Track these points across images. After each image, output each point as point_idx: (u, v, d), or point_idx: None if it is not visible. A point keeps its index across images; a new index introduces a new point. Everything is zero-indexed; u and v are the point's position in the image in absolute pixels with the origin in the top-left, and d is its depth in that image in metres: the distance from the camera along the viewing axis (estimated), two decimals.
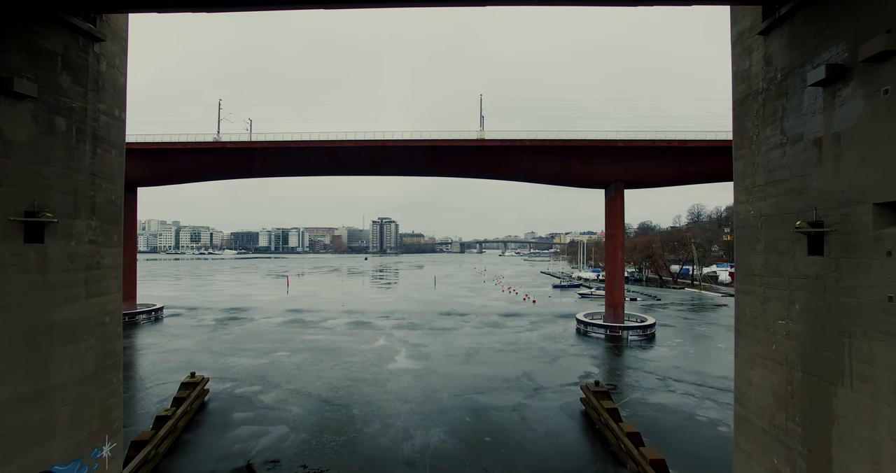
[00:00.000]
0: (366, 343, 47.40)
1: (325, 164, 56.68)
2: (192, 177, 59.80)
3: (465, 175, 59.15)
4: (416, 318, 63.62)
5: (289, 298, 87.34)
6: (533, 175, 56.32)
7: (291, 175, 62.84)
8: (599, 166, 53.20)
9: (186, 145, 53.03)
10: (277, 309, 70.87)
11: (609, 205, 56.03)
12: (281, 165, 57.27)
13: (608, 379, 34.89)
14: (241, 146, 53.15)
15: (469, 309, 72.61)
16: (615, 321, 54.15)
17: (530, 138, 51.10)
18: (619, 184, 54.36)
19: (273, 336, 50.63)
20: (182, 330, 54.02)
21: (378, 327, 56.65)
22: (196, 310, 69.42)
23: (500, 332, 53.84)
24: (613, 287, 54.95)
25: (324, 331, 53.59)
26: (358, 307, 74.91)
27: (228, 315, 65.60)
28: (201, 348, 44.22)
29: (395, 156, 53.72)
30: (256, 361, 39.33)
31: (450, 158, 54.32)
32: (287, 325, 57.44)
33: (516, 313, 69.19)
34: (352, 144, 51.96)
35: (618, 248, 55.00)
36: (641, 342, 49.84)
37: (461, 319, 63.19)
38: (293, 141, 52.44)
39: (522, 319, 63.62)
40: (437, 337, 50.36)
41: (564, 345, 47.20)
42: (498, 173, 56.62)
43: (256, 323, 58.47)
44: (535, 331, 54.83)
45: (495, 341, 48.67)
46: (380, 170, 58.69)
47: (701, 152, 49.93)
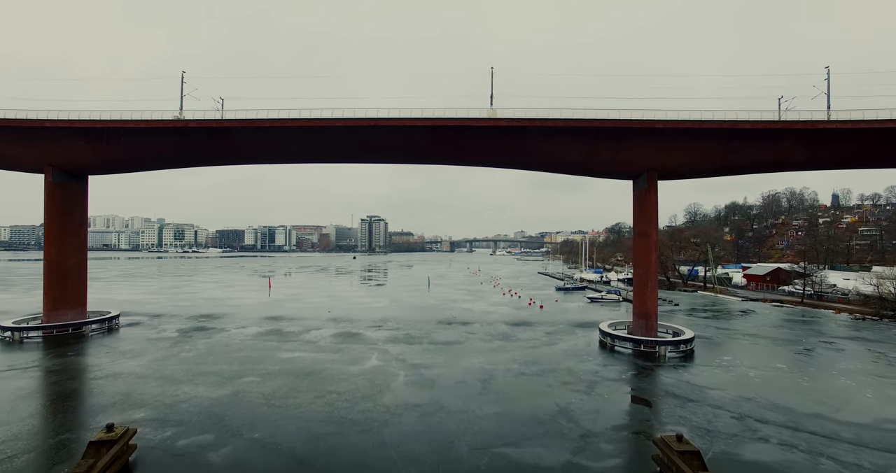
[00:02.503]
0: (355, 362, 39.07)
1: (307, 148, 48.12)
2: (150, 164, 50.84)
3: (472, 161, 50.95)
4: (412, 328, 55.36)
5: (270, 302, 78.49)
6: (552, 162, 48.32)
7: (267, 161, 54.12)
8: (632, 152, 45.35)
9: (139, 124, 44.13)
10: (255, 317, 62.11)
11: (640, 198, 48.21)
12: (255, 149, 48.60)
13: (669, 419, 27.01)
14: (205, 125, 44.38)
15: (472, 317, 64.50)
16: (647, 333, 46.40)
17: (552, 118, 43.06)
18: (653, 173, 46.57)
19: (244, 353, 42.06)
20: (135, 344, 45.18)
21: (369, 340, 48.30)
22: (160, 318, 60.42)
23: (514, 347, 45.81)
24: (646, 294, 47.15)
25: (306, 346, 45.12)
26: (346, 313, 66.40)
27: (196, 323, 56.74)
28: (150, 372, 35.53)
29: (389, 138, 45.37)
30: (216, 392, 30.81)
31: (455, 141, 46.10)
32: (263, 338, 48.84)
33: (526, 321, 61.24)
34: (339, 123, 43.49)
35: (651, 249, 47.20)
36: (680, 359, 42.17)
37: (465, 330, 55.05)
38: (268, 119, 43.83)
39: (535, 329, 55.67)
40: (440, 355, 42.19)
41: (594, 365, 39.31)
42: (511, 159, 48.51)
43: (227, 335, 49.76)
44: (554, 346, 46.88)
45: (511, 359, 40.63)
46: (371, 156, 50.27)
47: (751, 136, 42.29)
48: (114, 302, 74.39)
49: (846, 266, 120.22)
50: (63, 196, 49.31)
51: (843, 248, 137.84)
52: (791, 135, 41.65)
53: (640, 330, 47.39)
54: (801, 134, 41.30)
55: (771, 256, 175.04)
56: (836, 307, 73.07)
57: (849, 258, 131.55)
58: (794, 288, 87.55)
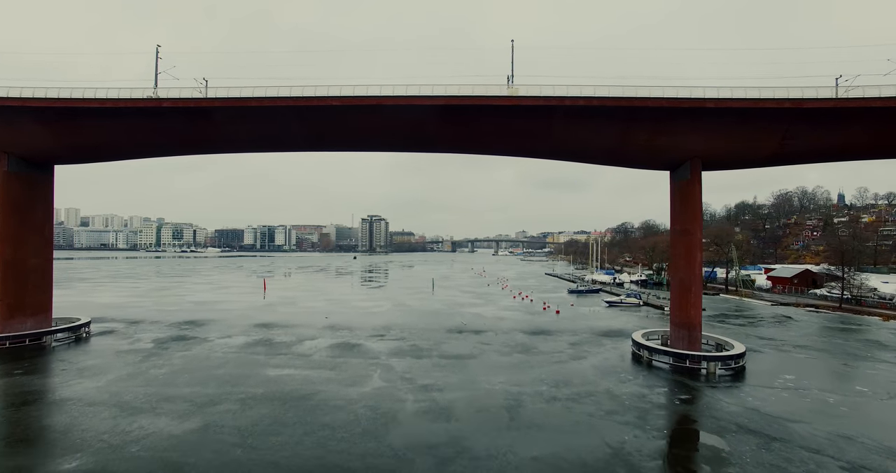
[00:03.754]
0: (355, 383, 33.01)
1: (302, 133, 42.09)
2: (123, 151, 44.82)
3: (487, 149, 44.86)
4: (419, 337, 49.30)
5: (263, 306, 72.45)
6: (580, 148, 42.25)
7: (258, 149, 48.06)
8: (673, 137, 39.26)
9: (106, 103, 38.06)
10: (243, 324, 56.05)
11: (680, 191, 42.14)
12: (243, 134, 42.58)
13: (759, 469, 20.88)
14: (181, 105, 38.32)
15: (483, 324, 58.39)
16: (689, 346, 40.31)
17: (584, 96, 36.94)
18: (697, 162, 40.48)
19: (224, 370, 36.02)
20: (100, 358, 39.15)
21: (371, 352, 42.24)
22: (137, 325, 54.36)
23: (537, 362, 39.74)
24: (688, 301, 41.02)
25: (297, 361, 39.06)
26: (345, 319, 60.34)
27: (177, 332, 50.69)
28: (106, 397, 29.47)
29: (395, 120, 39.32)
30: (180, 426, 24.75)
31: (470, 124, 40.04)
32: (249, 349, 42.81)
33: (544, 329, 55.12)
34: (336, 102, 37.42)
35: (695, 249, 41.07)
36: (731, 377, 36.09)
37: (478, 339, 48.95)
38: (254, 98, 37.78)
39: (557, 339, 49.56)
40: (453, 373, 36.11)
41: (637, 386, 33.22)
42: (533, 146, 42.42)
43: (208, 347, 43.72)
44: (582, 360, 40.79)
45: (538, 379, 34.55)
46: (373, 142, 44.19)
47: (818, 118, 36.16)
48: (94, 306, 68.45)
49: (874, 267, 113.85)
50: (22, 188, 43.31)
51: (869, 249, 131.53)
52: (867, 116, 35.46)
53: (680, 342, 41.28)
54: (879, 114, 35.10)
55: (787, 257, 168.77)
56: (881, 313, 66.84)
57: (876, 259, 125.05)
58: (829, 292, 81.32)
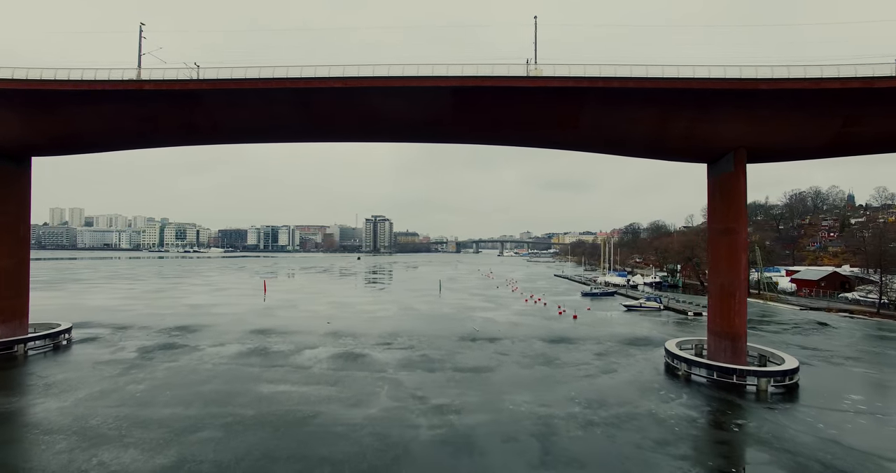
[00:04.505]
0: (359, 402, 28.81)
1: (302, 121, 37.97)
2: (104, 141, 40.80)
3: (506, 139, 40.60)
4: (429, 346, 45.10)
5: (262, 310, 68.43)
6: (611, 138, 37.91)
7: (254, 139, 43.97)
8: (718, 124, 34.88)
9: (80, 85, 33.97)
10: (239, 330, 51.98)
11: (721, 186, 37.76)
12: (237, 123, 38.50)
13: None
14: (168, 88, 34.23)
15: (497, 330, 54.08)
16: (733, 359, 35.87)
17: (620, 76, 32.62)
18: (742, 153, 36.07)
19: (212, 385, 31.90)
20: (76, 370, 35.12)
21: (377, 364, 38.06)
22: (125, 331, 50.36)
23: (564, 377, 35.46)
24: (731, 308, 36.60)
25: (295, 374, 34.92)
26: (348, 325, 56.20)
27: (166, 339, 46.67)
28: (70, 421, 25.36)
29: (406, 104, 35.13)
30: (149, 462, 20.59)
31: (489, 110, 35.80)
32: (242, 360, 38.71)
33: (564, 337, 50.79)
34: (340, 84, 33.25)
35: (739, 250, 36.64)
36: (784, 396, 31.71)
37: (494, 349, 44.69)
38: (248, 79, 33.65)
39: (580, 348, 45.25)
40: (471, 389, 31.86)
41: (682, 407, 28.90)
42: (558, 135, 38.12)
43: (198, 357, 39.64)
44: (613, 374, 36.46)
45: (568, 397, 30.26)
46: (381, 130, 40.00)
47: (893, 99, 31.72)
48: (83, 309, 64.65)
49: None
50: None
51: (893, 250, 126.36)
52: None
53: (722, 353, 36.86)
54: None
55: (804, 258, 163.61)
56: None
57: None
58: (863, 296, 76.65)
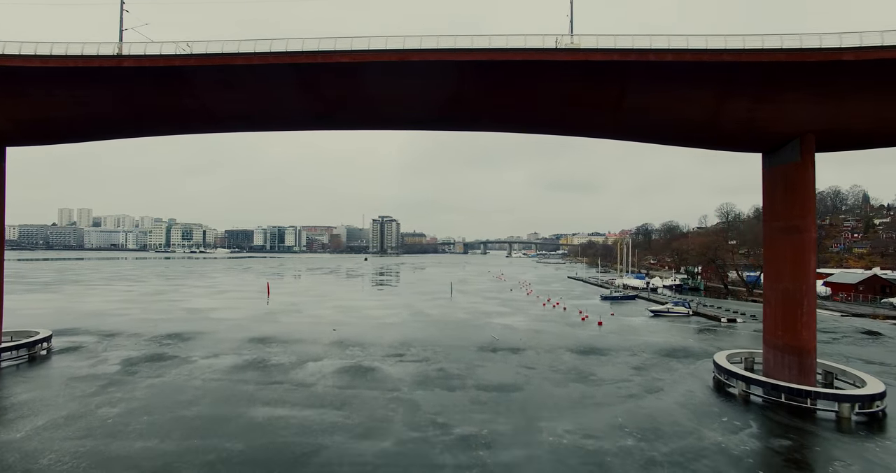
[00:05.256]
0: (370, 432, 24.26)
1: (303, 105, 33.58)
2: (85, 130, 36.57)
3: (535, 125, 35.98)
4: (445, 358, 40.51)
5: (264, 315, 64.17)
6: (657, 124, 33.14)
7: (251, 127, 39.62)
8: (783, 105, 30.03)
9: (49, 62, 29.69)
10: (237, 338, 47.66)
11: (784, 177, 32.87)
12: (231, 107, 34.19)
13: None
14: (151, 64, 29.91)
15: (519, 339, 49.35)
16: (800, 377, 30.98)
17: (675, 48, 27.91)
18: (810, 139, 31.21)
19: (198, 408, 27.49)
20: (47, 388, 30.83)
21: (389, 381, 33.50)
22: (112, 339, 46.17)
23: (603, 396, 30.74)
24: (798, 318, 31.68)
25: (295, 394, 30.45)
26: (356, 332, 51.72)
27: (155, 348, 42.40)
28: (19, 456, 20.94)
29: (423, 82, 30.60)
30: None
31: (518, 91, 31.18)
32: (237, 375, 34.31)
33: (593, 347, 46.02)
34: (347, 59, 28.74)
35: (807, 251, 31.72)
36: (867, 425, 26.82)
37: (519, 361, 40.01)
38: (241, 54, 29.24)
39: (614, 360, 40.49)
40: (499, 414, 27.20)
41: (753, 438, 24.12)
42: (595, 121, 33.43)
43: (187, 371, 35.28)
44: (660, 393, 31.68)
45: (615, 424, 25.55)
46: (394, 117, 35.56)
47: None
48: (73, 314, 60.72)
49: None
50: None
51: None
52: None
53: (785, 370, 31.97)
54: None
55: (828, 260, 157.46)
56: None
57: None
58: None
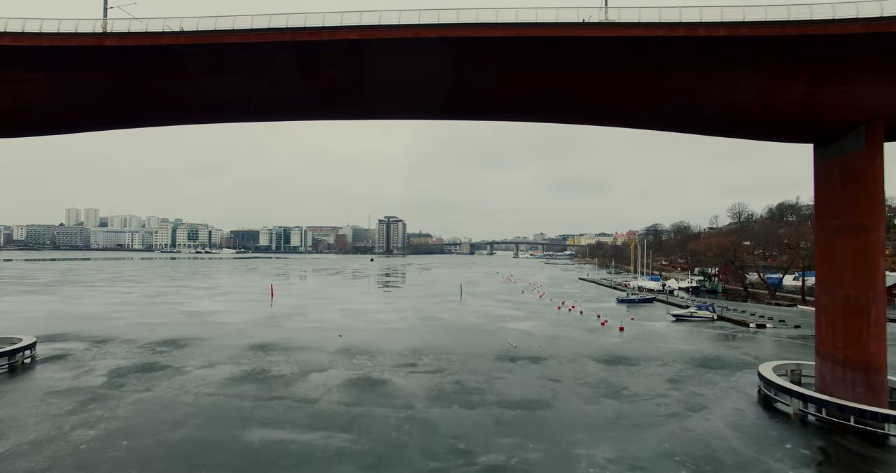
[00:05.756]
0: (381, 463, 20.91)
1: (305, 88, 30.29)
2: (68, 119, 33.45)
3: (560, 115, 32.56)
4: (461, 368, 37.12)
5: (266, 319, 61.08)
6: (699, 110, 29.55)
7: (247, 116, 36.40)
8: (849, 87, 26.39)
9: (22, 40, 26.55)
10: (237, 344, 44.51)
11: (843, 170, 29.22)
12: (227, 92, 30.95)
13: None
14: (136, 43, 26.77)
15: (538, 346, 45.83)
16: (867, 396, 27.36)
17: (728, 21, 24.35)
18: (878, 126, 27.56)
19: (186, 430, 24.26)
20: (21, 404, 27.72)
21: (400, 396, 30.14)
22: (103, 346, 43.13)
23: (641, 415, 27.26)
24: (866, 328, 27.96)
25: (296, 412, 27.18)
26: (363, 338, 48.43)
27: (148, 357, 39.29)
28: None
29: (438, 63, 27.20)
30: None
31: (546, 74, 27.72)
32: (234, 389, 31.09)
33: (619, 355, 42.48)
34: (355, 35, 25.44)
35: (874, 253, 27.99)
36: None
37: (541, 372, 36.54)
38: (238, 30, 26.02)
39: (644, 371, 36.94)
40: (527, 437, 23.76)
41: (829, 470, 20.58)
42: (630, 106, 29.88)
43: (180, 383, 32.08)
44: (704, 411, 28.18)
45: (662, 451, 22.08)
46: (402, 105, 32.21)
47: None
48: (66, 318, 57.96)
49: None
50: None
51: None
52: None
53: (848, 388, 28.31)
54: None
55: None
56: None
57: None
58: None
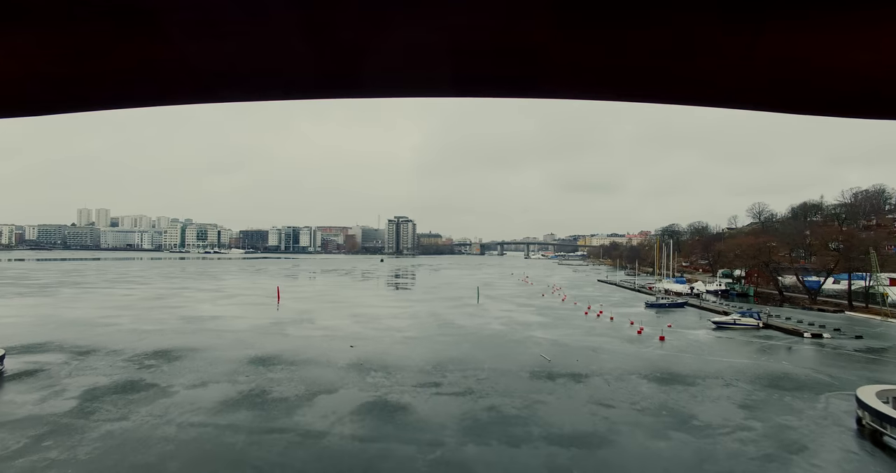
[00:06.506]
0: None
1: (308, 58, 25.14)
2: (32, 96, 28.70)
3: (630, 90, 27.03)
4: (492, 388, 31.76)
5: (271, 325, 56.18)
6: (803, 79, 24.01)
7: (243, 94, 31.02)
8: None
9: None
10: (235, 357, 39.51)
11: None
12: (218, 60, 25.73)
13: None
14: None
15: (575, 359, 40.32)
16: None
17: None
18: None
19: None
20: None
21: (427, 429, 24.86)
22: (84, 358, 38.32)
23: (728, 457, 21.78)
24: None
25: (299, 451, 22.03)
26: (377, 350, 43.24)
27: (132, 372, 34.38)
28: None
29: (475, 18, 22.02)
30: None
31: (617, 30, 22.38)
32: (226, 416, 26.02)
33: (670, 372, 36.87)
34: None
35: None
36: None
37: (587, 395, 31.07)
38: None
39: (705, 393, 31.35)
40: None
41: None
42: (719, 74, 24.41)
43: (162, 408, 27.08)
44: (803, 453, 22.59)
45: None
46: (431, 78, 27.01)
47: None
48: (55, 323, 53.53)
49: None
50: None
51: None
52: None
53: None
54: None
55: (883, 263, 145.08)
56: None
57: None
58: None
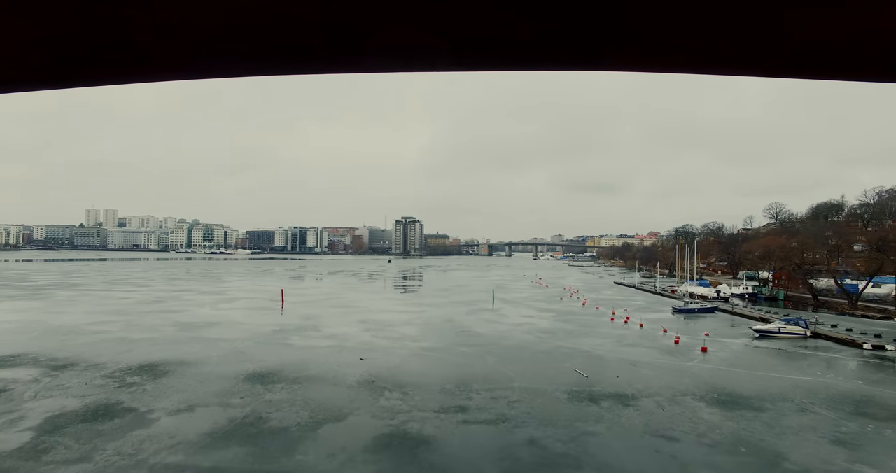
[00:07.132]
0: None
1: (316, 19, 20.54)
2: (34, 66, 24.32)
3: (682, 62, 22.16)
4: (528, 414, 26.90)
5: (273, 332, 51.62)
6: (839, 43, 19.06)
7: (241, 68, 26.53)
8: None
9: None
10: (230, 372, 34.86)
11: None
12: (205, 26, 21.25)
13: None
14: None
15: (615, 376, 35.26)
16: None
17: None
18: None
19: None
20: None
21: (457, 471, 20.15)
22: (60, 373, 33.79)
23: None
24: None
25: None
26: (390, 364, 38.42)
27: (110, 392, 29.84)
28: None
29: None
30: None
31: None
32: (209, 455, 21.35)
33: (726, 391, 31.74)
34: None
35: None
36: None
37: (639, 420, 26.15)
38: None
39: (780, 421, 26.29)
40: None
41: None
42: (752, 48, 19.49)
43: (135, 443, 22.42)
44: None
45: None
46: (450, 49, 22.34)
47: None
48: (36, 331, 49.34)
49: None
50: None
51: None
52: None
53: None
54: None
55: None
56: None
57: None
58: None
